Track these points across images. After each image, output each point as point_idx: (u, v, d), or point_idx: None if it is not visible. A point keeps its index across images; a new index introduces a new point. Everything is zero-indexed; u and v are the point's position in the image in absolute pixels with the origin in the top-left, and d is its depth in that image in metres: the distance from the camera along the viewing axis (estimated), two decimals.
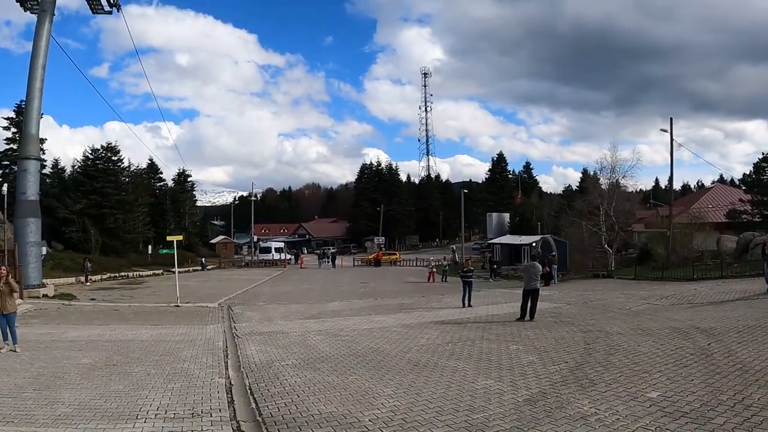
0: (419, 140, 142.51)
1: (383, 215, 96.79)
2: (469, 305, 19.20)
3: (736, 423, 5.87)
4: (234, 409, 7.61)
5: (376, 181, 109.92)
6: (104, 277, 41.11)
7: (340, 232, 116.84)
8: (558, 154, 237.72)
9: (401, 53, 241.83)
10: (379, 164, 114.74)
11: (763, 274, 17.57)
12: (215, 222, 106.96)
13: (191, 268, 55.75)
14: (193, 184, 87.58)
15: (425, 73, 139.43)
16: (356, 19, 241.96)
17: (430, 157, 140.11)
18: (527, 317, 15.11)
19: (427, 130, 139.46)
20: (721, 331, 11.33)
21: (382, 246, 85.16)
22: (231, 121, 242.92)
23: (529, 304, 15.25)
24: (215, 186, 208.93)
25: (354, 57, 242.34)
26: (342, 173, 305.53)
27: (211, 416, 7.21)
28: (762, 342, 9.83)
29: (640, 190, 69.43)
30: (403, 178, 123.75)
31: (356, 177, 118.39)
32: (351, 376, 9.17)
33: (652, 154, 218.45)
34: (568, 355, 10.10)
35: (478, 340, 12.31)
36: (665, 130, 38.02)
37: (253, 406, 7.66)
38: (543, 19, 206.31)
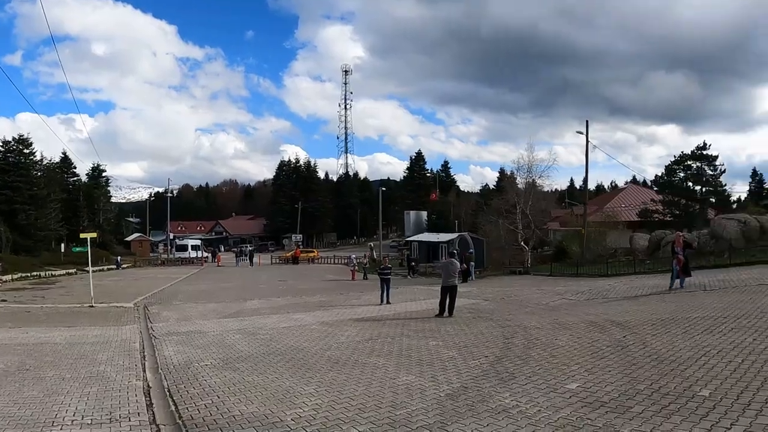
0: (338, 138, 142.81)
1: (301, 212, 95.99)
2: (388, 302, 19.26)
3: (654, 411, 5.99)
4: (153, 413, 7.31)
5: (294, 178, 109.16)
6: (15, 277, 39.04)
7: (258, 230, 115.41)
8: (476, 154, 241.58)
9: (322, 50, 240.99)
10: (297, 161, 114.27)
11: (672, 271, 18.26)
12: (130, 219, 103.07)
13: (106, 267, 53.61)
14: (108, 179, 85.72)
15: (346, 71, 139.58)
16: (278, 14, 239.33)
17: (348, 154, 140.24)
18: (446, 313, 15.21)
19: (346, 128, 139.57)
20: (635, 324, 11.67)
21: (300, 243, 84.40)
22: (147, 114, 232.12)
23: (447, 301, 15.36)
24: (130, 182, 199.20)
25: (274, 52, 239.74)
26: (260, 170, 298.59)
27: (129, 420, 6.92)
28: (674, 334, 10.16)
29: (556, 189, 72.08)
30: (322, 175, 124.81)
31: (274, 174, 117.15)
32: (271, 375, 8.96)
33: (567, 155, 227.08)
34: (487, 350, 10.17)
35: (397, 337, 12.28)
36: (581, 132, 39.53)
37: (173, 408, 7.39)
38: (465, 22, 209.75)
